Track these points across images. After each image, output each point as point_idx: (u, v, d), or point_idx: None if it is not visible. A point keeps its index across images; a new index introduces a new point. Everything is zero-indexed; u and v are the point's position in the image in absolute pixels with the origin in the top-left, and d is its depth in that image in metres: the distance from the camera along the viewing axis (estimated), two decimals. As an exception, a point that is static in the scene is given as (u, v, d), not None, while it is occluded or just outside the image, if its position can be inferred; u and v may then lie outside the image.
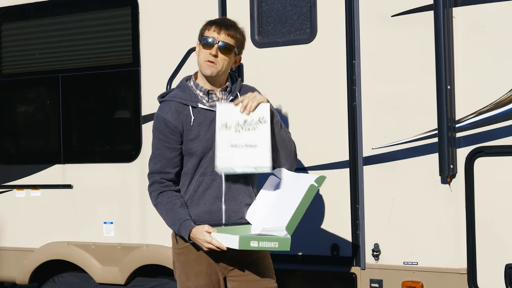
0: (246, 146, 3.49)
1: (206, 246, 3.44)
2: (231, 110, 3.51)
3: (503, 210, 4.05)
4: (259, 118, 3.50)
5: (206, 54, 3.57)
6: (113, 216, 5.21)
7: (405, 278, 4.30)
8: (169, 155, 3.60)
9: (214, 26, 3.60)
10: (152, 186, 3.65)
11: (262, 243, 3.35)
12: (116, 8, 5.31)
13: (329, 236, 4.51)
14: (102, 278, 5.22)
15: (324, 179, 3.55)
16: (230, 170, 3.51)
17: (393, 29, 4.32)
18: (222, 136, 3.49)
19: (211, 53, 3.56)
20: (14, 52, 5.72)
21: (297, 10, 4.60)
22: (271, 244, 3.38)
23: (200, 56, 3.61)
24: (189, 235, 3.49)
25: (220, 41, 3.56)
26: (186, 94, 3.62)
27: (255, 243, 3.35)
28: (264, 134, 3.49)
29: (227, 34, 3.58)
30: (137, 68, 5.12)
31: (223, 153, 3.49)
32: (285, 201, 3.54)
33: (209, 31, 3.60)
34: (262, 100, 3.52)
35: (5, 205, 5.63)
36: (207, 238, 3.43)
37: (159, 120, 3.61)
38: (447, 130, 4.09)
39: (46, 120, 5.64)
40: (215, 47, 3.56)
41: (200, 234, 3.45)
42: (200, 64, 3.62)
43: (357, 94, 4.42)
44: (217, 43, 3.56)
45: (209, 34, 3.59)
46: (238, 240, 3.31)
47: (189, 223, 3.50)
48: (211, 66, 3.58)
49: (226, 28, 3.59)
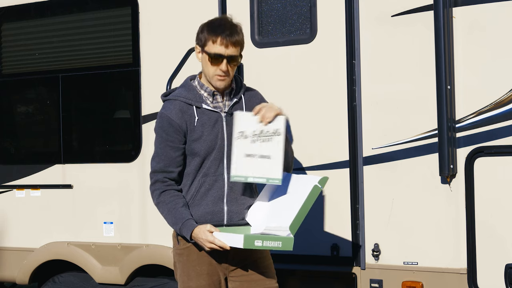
0: (260, 157, 3.50)
1: (209, 246, 3.43)
2: (249, 118, 3.50)
3: (503, 210, 4.06)
4: (274, 130, 3.50)
5: (215, 69, 3.52)
6: (113, 216, 5.21)
7: (405, 278, 4.30)
8: (172, 154, 3.59)
9: (220, 39, 3.48)
10: (154, 185, 3.63)
11: (266, 242, 3.36)
12: (116, 8, 5.31)
13: (329, 236, 4.51)
14: (102, 278, 5.22)
15: (327, 180, 3.57)
16: (242, 179, 3.51)
17: (393, 29, 4.32)
18: (239, 145, 3.49)
19: (222, 69, 3.50)
20: (14, 52, 5.72)
21: (297, 10, 4.60)
22: (275, 243, 3.39)
23: (209, 70, 3.54)
24: (191, 234, 3.49)
25: (229, 55, 3.50)
26: (190, 93, 3.61)
27: (259, 242, 3.35)
28: (278, 146, 3.50)
29: (234, 44, 3.50)
30: (137, 68, 5.11)
31: (238, 162, 3.49)
32: (287, 202, 3.54)
33: (214, 44, 3.49)
34: (278, 112, 3.50)
35: (5, 205, 5.63)
36: (209, 237, 3.42)
37: (163, 119, 3.60)
38: (447, 130, 4.09)
39: (46, 120, 5.64)
40: (225, 63, 3.50)
41: (202, 234, 3.44)
42: (209, 77, 3.56)
43: (357, 94, 4.42)
44: (226, 57, 3.50)
45: (216, 50, 3.49)
46: (243, 239, 3.32)
47: (191, 223, 3.50)
48: (223, 80, 3.54)
49: (231, 37, 3.49)
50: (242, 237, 3.32)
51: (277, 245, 3.39)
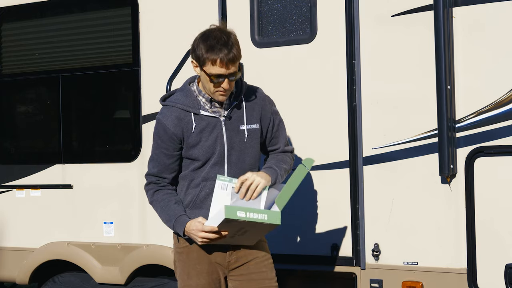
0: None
1: (200, 235, 3.40)
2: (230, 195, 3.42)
3: (503, 210, 4.06)
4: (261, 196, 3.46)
5: (217, 86, 3.47)
6: (113, 216, 5.21)
7: (405, 278, 4.30)
8: (166, 161, 3.59)
9: (219, 60, 3.40)
10: (148, 185, 3.67)
11: (250, 214, 3.28)
12: (116, 8, 5.31)
13: (329, 236, 4.51)
14: (102, 278, 5.22)
15: (312, 161, 3.53)
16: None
17: (393, 29, 4.32)
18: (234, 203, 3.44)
19: (223, 87, 3.46)
20: (14, 52, 5.72)
21: (297, 10, 4.60)
22: (260, 215, 3.31)
23: (210, 87, 3.48)
24: (184, 229, 3.49)
25: (229, 73, 3.44)
26: (188, 99, 3.58)
27: (242, 213, 3.26)
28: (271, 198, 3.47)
29: (233, 61, 3.42)
30: (137, 68, 5.11)
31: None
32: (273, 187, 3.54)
33: (214, 66, 3.41)
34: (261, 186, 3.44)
35: (5, 205, 5.63)
36: (198, 226, 3.41)
37: (159, 126, 3.59)
38: (447, 130, 4.09)
39: (46, 120, 5.64)
40: (226, 81, 3.45)
41: (193, 225, 3.44)
42: (210, 93, 3.51)
43: (357, 94, 4.42)
44: (227, 76, 3.44)
45: (216, 71, 3.41)
46: (224, 209, 3.24)
47: (184, 218, 3.50)
48: (224, 95, 3.51)
49: (229, 54, 3.40)
50: (223, 207, 3.26)
51: (262, 217, 3.31)
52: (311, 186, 4.55)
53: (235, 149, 3.57)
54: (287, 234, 4.57)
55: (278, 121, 3.70)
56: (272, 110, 3.69)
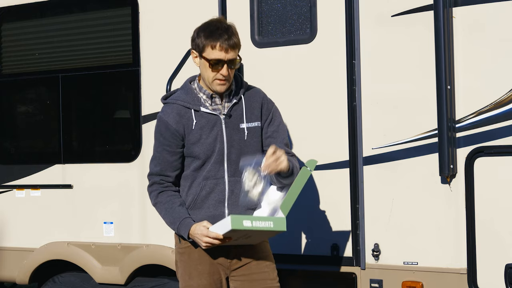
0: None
1: (204, 240, 3.41)
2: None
3: (503, 210, 4.06)
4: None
5: (215, 74, 3.49)
6: (113, 216, 5.21)
7: (405, 278, 4.30)
8: (169, 158, 3.59)
9: (219, 44, 3.44)
10: (151, 187, 3.65)
11: (256, 223, 3.28)
12: (116, 8, 5.31)
13: (329, 236, 4.52)
14: (102, 278, 5.22)
15: (315, 162, 3.51)
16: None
17: (393, 29, 4.32)
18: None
19: (222, 73, 3.48)
20: (14, 52, 5.72)
21: (297, 10, 4.60)
22: (266, 223, 3.31)
23: (209, 75, 3.50)
24: (189, 232, 3.49)
25: (229, 59, 3.47)
26: (188, 96, 3.60)
27: (248, 222, 3.27)
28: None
29: (233, 47, 3.46)
30: (137, 68, 5.12)
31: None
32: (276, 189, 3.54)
33: (214, 49, 3.45)
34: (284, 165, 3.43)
35: (5, 205, 5.63)
36: (203, 231, 3.41)
37: (161, 123, 3.60)
38: (447, 130, 4.09)
39: (46, 120, 5.64)
40: (225, 67, 3.47)
41: (198, 229, 3.44)
42: (209, 82, 3.53)
43: (357, 94, 4.42)
44: (226, 62, 3.47)
45: (216, 56, 3.45)
46: (230, 220, 3.25)
47: (188, 221, 3.50)
48: (224, 84, 3.52)
49: (230, 40, 3.45)
50: (229, 218, 3.26)
51: (268, 225, 3.31)
52: (311, 186, 4.55)
53: (235, 147, 3.57)
54: (287, 234, 4.55)
55: (278, 122, 3.70)
56: (272, 109, 3.69)
